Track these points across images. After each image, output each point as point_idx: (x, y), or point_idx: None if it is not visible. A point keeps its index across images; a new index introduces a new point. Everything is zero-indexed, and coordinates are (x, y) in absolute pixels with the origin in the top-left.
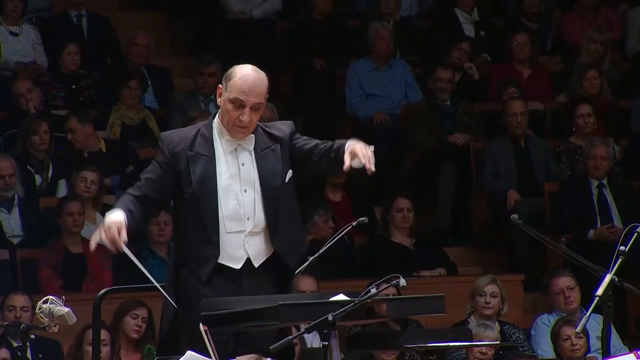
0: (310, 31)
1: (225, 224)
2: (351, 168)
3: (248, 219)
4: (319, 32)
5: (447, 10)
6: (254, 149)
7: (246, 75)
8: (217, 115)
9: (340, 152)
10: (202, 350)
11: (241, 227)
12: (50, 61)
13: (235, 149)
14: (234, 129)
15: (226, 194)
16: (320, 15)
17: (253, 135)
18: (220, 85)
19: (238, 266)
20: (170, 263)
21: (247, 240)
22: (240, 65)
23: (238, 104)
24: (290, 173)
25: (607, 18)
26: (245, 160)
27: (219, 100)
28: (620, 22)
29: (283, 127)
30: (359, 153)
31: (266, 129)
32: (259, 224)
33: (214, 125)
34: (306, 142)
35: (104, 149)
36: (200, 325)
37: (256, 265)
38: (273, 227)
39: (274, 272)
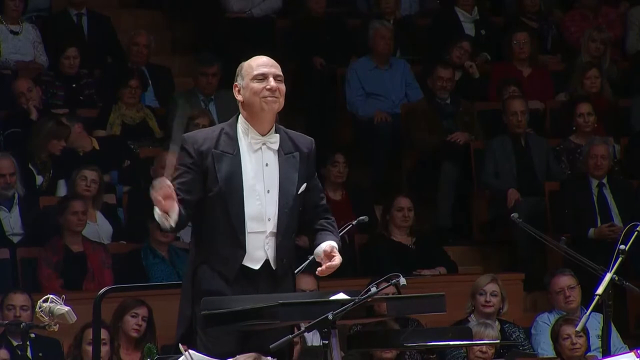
0: (310, 30)
1: (247, 224)
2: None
3: (269, 219)
4: (319, 31)
5: (447, 9)
6: (279, 150)
7: (258, 57)
8: (239, 115)
9: (315, 238)
10: (217, 349)
11: (262, 227)
12: (50, 60)
13: (260, 148)
14: (266, 101)
15: (250, 193)
16: (315, 14)
17: (278, 135)
18: (236, 83)
19: (257, 267)
20: (189, 263)
21: (267, 242)
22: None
23: (261, 77)
24: (304, 187)
25: (607, 17)
26: (270, 161)
27: (239, 96)
28: (621, 21)
29: (305, 142)
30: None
31: (289, 133)
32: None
33: (238, 125)
34: (316, 196)
35: (97, 147)
36: (180, 345)
37: (274, 267)
38: (279, 232)
39: (289, 277)
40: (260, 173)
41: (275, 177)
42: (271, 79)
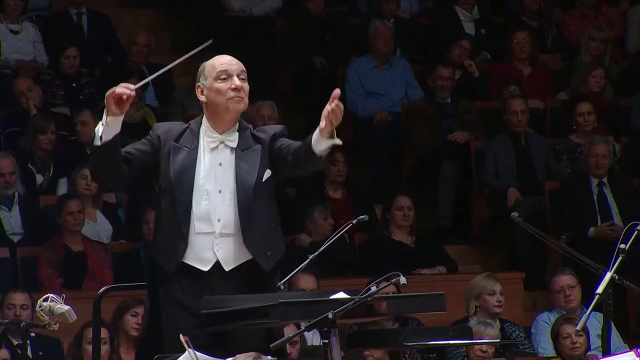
0: (310, 29)
1: (195, 225)
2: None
3: (219, 220)
4: (319, 30)
5: (447, 8)
6: (236, 149)
7: (219, 56)
8: (203, 116)
9: (308, 140)
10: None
11: (210, 228)
12: (50, 59)
13: (217, 146)
14: (231, 102)
15: (199, 193)
16: (313, 14)
17: (237, 133)
18: (198, 84)
19: (206, 268)
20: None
21: (217, 242)
22: None
23: (225, 75)
24: (268, 173)
25: (607, 16)
26: (224, 160)
27: (202, 97)
28: (621, 20)
29: (269, 129)
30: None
31: (254, 131)
32: (229, 226)
33: (202, 122)
34: (285, 143)
35: None
36: (181, 336)
37: (227, 269)
38: (246, 228)
39: (252, 278)
40: (212, 172)
41: (229, 177)
42: (235, 77)
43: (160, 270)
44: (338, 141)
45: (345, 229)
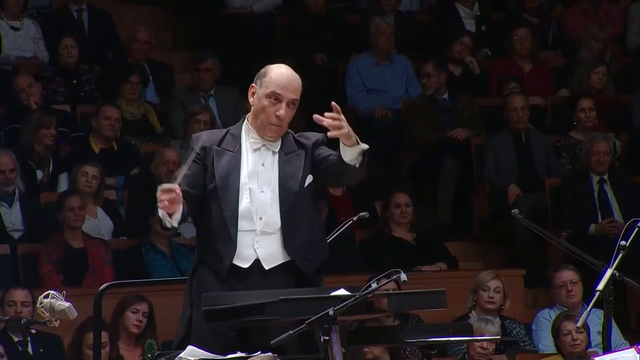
0: (311, 26)
1: (238, 222)
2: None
3: (260, 218)
4: (320, 27)
5: (448, 6)
6: (279, 152)
7: (283, 71)
8: (246, 118)
9: (338, 151)
10: (209, 349)
11: (252, 226)
12: (51, 56)
13: (260, 148)
14: (269, 127)
15: (242, 192)
16: (314, 11)
17: (280, 138)
18: (253, 85)
19: (245, 265)
20: (193, 262)
21: (258, 240)
22: (275, 64)
23: (275, 97)
24: (310, 178)
25: (607, 13)
26: (267, 161)
27: (251, 99)
28: (621, 17)
29: (311, 136)
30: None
31: (296, 136)
32: (271, 225)
33: (243, 126)
34: (324, 153)
35: (115, 147)
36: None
37: (266, 268)
38: (288, 232)
39: (292, 279)
40: (255, 172)
41: (271, 177)
42: (284, 104)
43: (210, 273)
44: (364, 146)
45: (346, 226)
